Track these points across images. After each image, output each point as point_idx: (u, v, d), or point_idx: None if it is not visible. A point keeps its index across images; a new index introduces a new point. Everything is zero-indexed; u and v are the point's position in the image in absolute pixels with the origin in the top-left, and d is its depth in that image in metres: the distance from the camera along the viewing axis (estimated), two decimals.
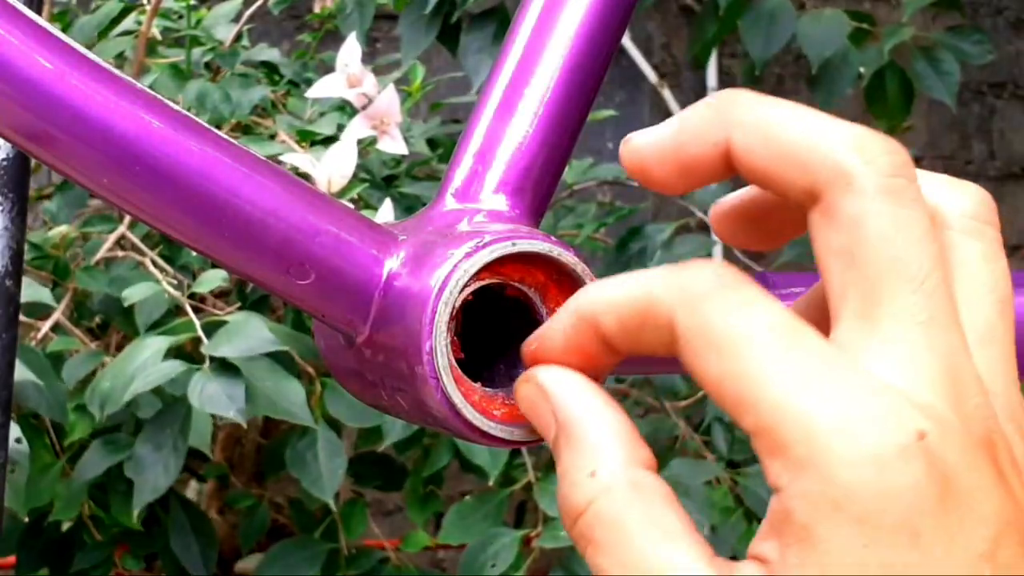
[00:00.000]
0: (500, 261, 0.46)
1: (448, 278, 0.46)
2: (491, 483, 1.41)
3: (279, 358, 1.31)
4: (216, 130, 0.47)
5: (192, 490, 1.81)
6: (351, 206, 0.51)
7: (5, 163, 0.66)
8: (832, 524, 0.32)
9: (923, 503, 0.32)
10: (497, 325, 0.48)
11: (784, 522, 0.34)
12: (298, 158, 1.21)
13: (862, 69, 1.62)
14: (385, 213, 1.15)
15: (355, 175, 1.36)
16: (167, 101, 0.46)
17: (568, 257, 0.47)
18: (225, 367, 1.19)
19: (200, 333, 1.22)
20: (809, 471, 0.33)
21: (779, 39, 1.55)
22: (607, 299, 0.39)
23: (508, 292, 0.48)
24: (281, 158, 1.21)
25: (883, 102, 1.66)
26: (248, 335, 1.21)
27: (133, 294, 1.30)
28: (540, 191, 0.52)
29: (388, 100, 1.27)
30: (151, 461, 1.26)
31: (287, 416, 1.23)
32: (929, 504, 0.32)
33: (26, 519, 1.46)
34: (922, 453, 0.32)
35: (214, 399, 1.16)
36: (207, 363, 1.20)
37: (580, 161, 1.83)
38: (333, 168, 1.18)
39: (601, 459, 0.38)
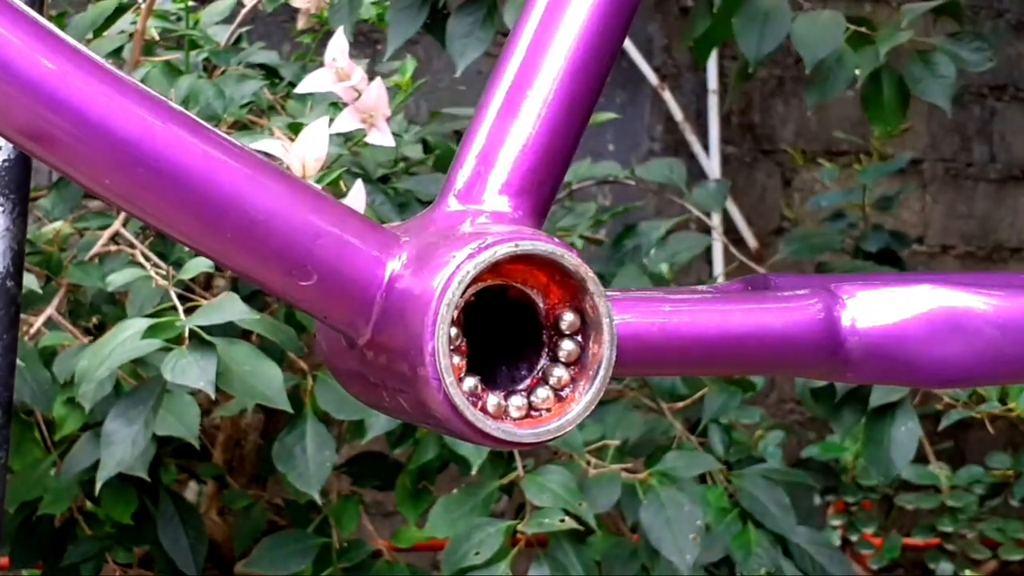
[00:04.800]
0: (502, 262, 0.46)
1: (450, 280, 0.46)
2: (474, 472, 1.40)
3: (265, 347, 1.31)
4: (218, 131, 0.47)
5: (192, 491, 1.81)
6: (354, 208, 0.50)
7: (6, 164, 0.66)
8: None
9: None
10: (499, 326, 0.48)
11: None
12: (269, 144, 1.19)
13: (857, 71, 1.60)
14: (356, 195, 1.14)
15: (346, 170, 1.36)
16: (170, 103, 0.46)
17: (571, 259, 0.47)
18: (201, 344, 1.19)
19: (181, 315, 1.22)
20: None
21: (773, 39, 1.53)
22: None
23: (510, 293, 0.48)
24: (253, 144, 1.20)
25: (879, 106, 1.64)
26: (224, 309, 1.22)
27: (117, 279, 1.30)
28: (543, 192, 0.52)
29: (376, 94, 1.26)
30: (120, 436, 1.25)
31: (264, 400, 1.23)
32: None
33: (11, 510, 1.45)
34: None
35: (185, 372, 1.17)
36: (186, 343, 1.20)
37: (580, 162, 1.83)
38: (306, 152, 1.16)
39: None
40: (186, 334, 1.20)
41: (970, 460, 2.46)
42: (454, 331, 0.46)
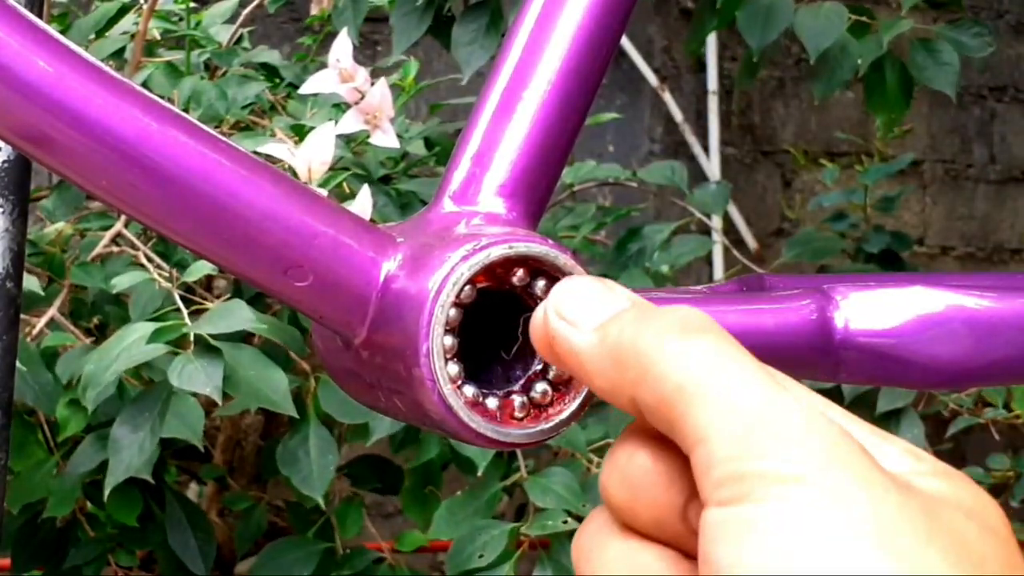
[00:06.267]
0: (497, 264, 0.46)
1: (445, 281, 0.46)
2: (479, 474, 1.40)
3: (269, 351, 1.31)
4: (215, 132, 0.47)
5: (192, 492, 1.81)
6: (360, 212, 0.51)
7: (6, 165, 0.67)
8: None
9: None
10: (493, 327, 0.48)
11: None
12: (275, 147, 1.20)
13: (860, 60, 1.61)
14: (362, 200, 1.14)
15: (351, 173, 1.36)
16: (166, 104, 0.46)
17: (565, 260, 0.47)
18: (208, 349, 1.20)
19: (186, 319, 1.22)
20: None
21: (776, 27, 1.55)
22: None
23: (505, 295, 0.48)
24: (259, 148, 1.20)
25: (882, 96, 1.64)
26: (231, 315, 1.22)
27: (122, 281, 1.30)
28: (537, 193, 0.52)
29: (380, 94, 1.26)
30: (128, 442, 1.26)
31: (269, 405, 1.23)
32: None
33: (15, 512, 1.45)
34: None
35: (192, 377, 1.17)
36: (191, 347, 1.20)
37: (581, 163, 1.83)
38: (312, 155, 1.17)
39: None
40: (191, 338, 1.21)
41: (971, 461, 2.46)
42: (450, 340, 0.46)
